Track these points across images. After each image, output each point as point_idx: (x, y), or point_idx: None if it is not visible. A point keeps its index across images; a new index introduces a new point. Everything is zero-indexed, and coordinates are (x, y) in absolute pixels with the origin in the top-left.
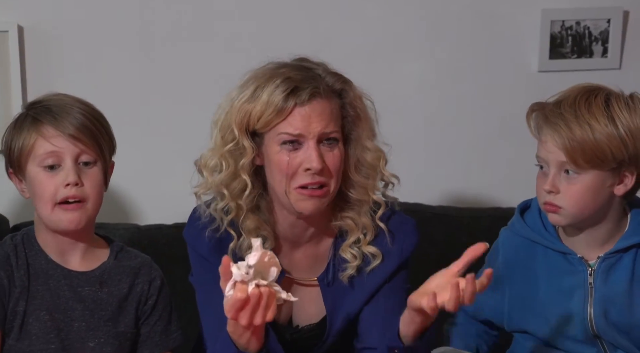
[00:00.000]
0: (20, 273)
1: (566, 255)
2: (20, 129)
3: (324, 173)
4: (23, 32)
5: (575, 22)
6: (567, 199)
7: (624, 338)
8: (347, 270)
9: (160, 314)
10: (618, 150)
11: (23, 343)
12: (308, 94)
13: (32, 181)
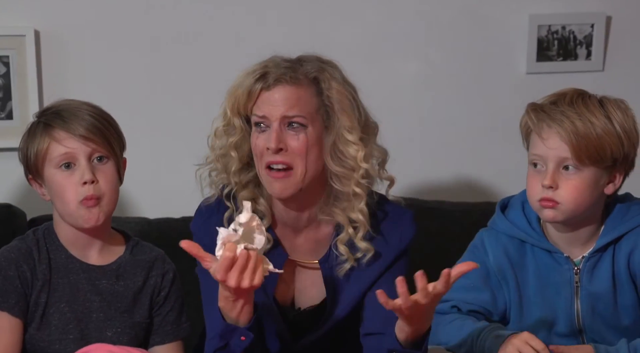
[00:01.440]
0: (42, 266)
1: (552, 254)
2: (33, 136)
3: (287, 155)
4: (39, 37)
5: (561, 26)
6: (567, 195)
7: (610, 332)
8: (343, 264)
9: (172, 305)
10: (616, 147)
11: (43, 332)
12: (273, 79)
13: (50, 183)
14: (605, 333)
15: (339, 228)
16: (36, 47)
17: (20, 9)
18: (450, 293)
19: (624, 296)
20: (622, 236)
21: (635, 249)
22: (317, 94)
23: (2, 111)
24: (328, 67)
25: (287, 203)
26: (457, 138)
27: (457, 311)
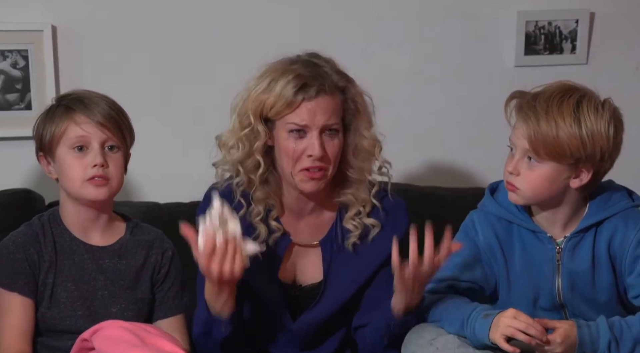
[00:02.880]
0: (48, 249)
1: (536, 233)
2: (52, 116)
3: (324, 159)
4: (56, 32)
5: (548, 22)
6: (525, 183)
7: (587, 308)
8: (350, 238)
9: (172, 281)
10: (576, 149)
11: (53, 310)
12: (315, 90)
13: (61, 161)
14: (584, 308)
15: (341, 211)
16: (53, 42)
17: (38, 6)
18: (444, 271)
19: (602, 276)
20: (603, 221)
21: (615, 234)
22: (343, 101)
23: (22, 101)
24: (345, 73)
25: (307, 194)
26: (450, 127)
27: (454, 292)
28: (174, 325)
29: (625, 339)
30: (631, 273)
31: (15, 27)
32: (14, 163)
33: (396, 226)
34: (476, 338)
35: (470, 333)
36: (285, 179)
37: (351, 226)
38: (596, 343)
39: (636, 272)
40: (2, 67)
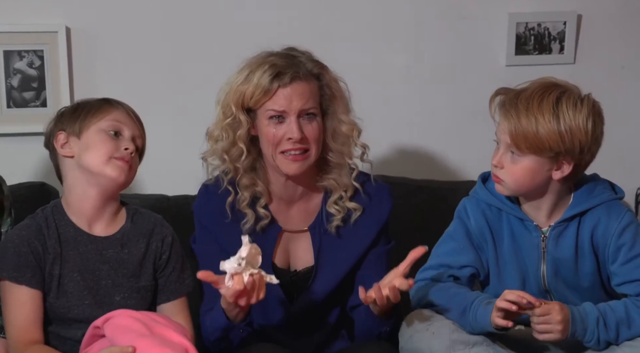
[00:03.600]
0: (52, 241)
1: (524, 221)
2: (88, 107)
3: (303, 141)
4: (70, 33)
5: (537, 24)
6: (509, 176)
7: (571, 293)
8: (333, 221)
9: (173, 266)
10: (555, 143)
11: (61, 300)
12: (289, 77)
13: (91, 138)
14: (568, 294)
15: (326, 196)
16: (67, 43)
17: (53, 8)
18: (442, 257)
19: (585, 263)
20: (587, 211)
21: (598, 224)
22: (319, 87)
23: (37, 99)
24: (320, 61)
25: (293, 178)
26: (444, 123)
27: (454, 280)
28: (177, 307)
29: (610, 321)
30: (615, 262)
31: (32, 28)
32: (29, 158)
33: (379, 209)
34: (478, 324)
35: (472, 320)
36: (270, 165)
37: (334, 210)
38: (585, 321)
39: (619, 261)
40: (19, 67)
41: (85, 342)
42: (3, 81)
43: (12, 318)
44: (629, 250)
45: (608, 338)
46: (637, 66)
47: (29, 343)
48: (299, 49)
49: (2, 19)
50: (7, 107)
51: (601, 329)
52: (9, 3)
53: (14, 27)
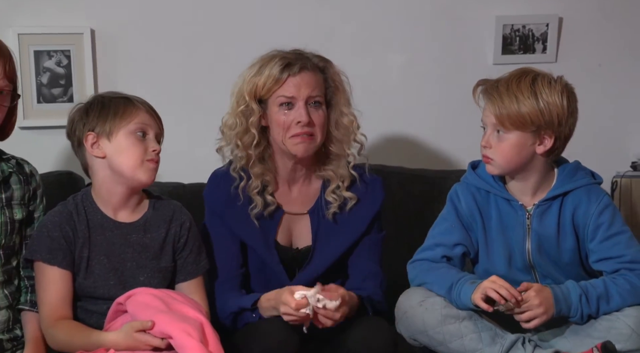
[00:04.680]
0: (82, 226)
1: (510, 202)
2: (117, 104)
3: (310, 124)
4: (95, 35)
5: (522, 25)
6: (498, 153)
7: (553, 268)
8: (330, 208)
9: (190, 249)
10: (536, 117)
11: (89, 280)
12: (298, 67)
13: (121, 142)
14: (550, 269)
15: (325, 184)
16: (92, 43)
17: (79, 12)
18: (436, 237)
19: (566, 240)
20: (568, 193)
21: (580, 205)
22: (324, 80)
23: (65, 95)
24: (326, 58)
25: (299, 161)
26: (437, 116)
27: (447, 261)
28: (193, 286)
29: (591, 296)
30: (593, 240)
31: (59, 30)
32: (58, 148)
33: (372, 199)
34: (461, 301)
35: (456, 296)
36: (279, 151)
37: (331, 199)
38: (569, 299)
39: (597, 239)
40: (48, 66)
41: (110, 317)
42: (34, 79)
43: (45, 296)
44: (606, 229)
45: (590, 312)
46: (612, 64)
47: (59, 318)
48: (305, 50)
49: (33, 22)
50: (37, 102)
51: (584, 304)
52: (39, 8)
53: (43, 29)
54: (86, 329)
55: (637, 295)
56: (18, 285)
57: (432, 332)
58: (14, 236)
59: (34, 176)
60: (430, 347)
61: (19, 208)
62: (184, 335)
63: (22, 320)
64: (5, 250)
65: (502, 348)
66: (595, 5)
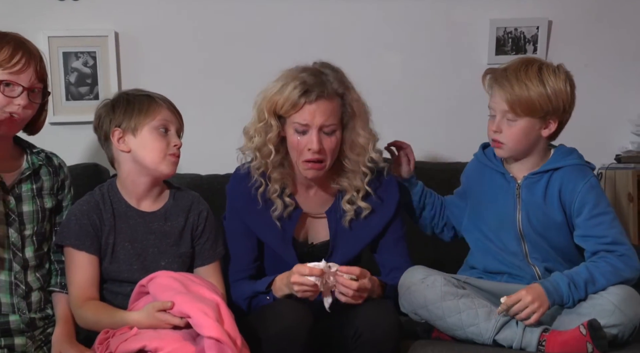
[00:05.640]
0: (108, 215)
1: (504, 174)
2: (141, 102)
3: (321, 152)
4: (118, 37)
5: (514, 28)
6: (508, 138)
7: (540, 237)
8: (346, 216)
9: (207, 236)
10: (545, 103)
11: (114, 265)
12: (316, 95)
13: (146, 138)
14: (539, 239)
15: (341, 192)
16: (116, 45)
17: (104, 16)
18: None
19: (553, 213)
20: (559, 169)
21: (568, 182)
22: (342, 105)
23: (91, 93)
24: (347, 82)
25: (310, 180)
26: (435, 113)
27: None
28: (210, 270)
29: (578, 282)
30: (579, 216)
31: (86, 33)
32: (84, 142)
33: (387, 207)
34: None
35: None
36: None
37: (347, 207)
38: (559, 289)
39: (583, 216)
40: (76, 66)
41: (133, 298)
42: (62, 78)
43: (73, 279)
44: (592, 209)
45: (580, 297)
46: (598, 64)
47: (87, 299)
48: (332, 66)
49: (62, 26)
50: (65, 100)
51: (573, 291)
52: (67, 13)
53: (71, 32)
54: (112, 309)
55: (618, 275)
56: (49, 269)
57: (432, 307)
58: (44, 223)
59: (62, 168)
60: (430, 321)
61: (48, 198)
62: (201, 315)
63: (53, 301)
64: (37, 236)
65: (496, 323)
66: (582, 10)
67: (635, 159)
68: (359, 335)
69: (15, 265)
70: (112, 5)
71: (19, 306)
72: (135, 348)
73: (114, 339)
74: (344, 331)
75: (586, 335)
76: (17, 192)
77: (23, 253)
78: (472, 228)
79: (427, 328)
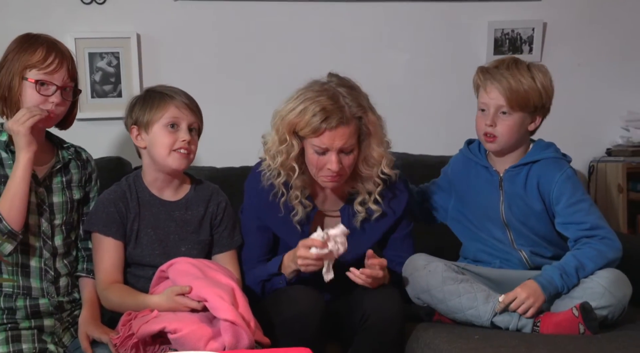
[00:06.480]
0: (133, 203)
1: (488, 168)
2: (151, 101)
3: (340, 170)
4: (140, 39)
5: (511, 29)
6: (502, 131)
7: (522, 225)
8: (358, 217)
9: (225, 225)
10: (537, 99)
11: (137, 250)
12: (336, 122)
13: (156, 134)
14: (521, 228)
15: (355, 193)
16: (138, 46)
17: (127, 19)
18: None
19: (533, 203)
20: (536, 161)
21: (545, 175)
22: (358, 127)
23: (114, 91)
24: (363, 102)
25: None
26: (436, 108)
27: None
28: (227, 258)
29: (569, 270)
30: (558, 204)
31: (110, 35)
32: (108, 137)
33: (396, 208)
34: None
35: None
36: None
37: (359, 209)
38: (552, 282)
39: (562, 205)
40: (100, 65)
41: (154, 282)
42: (88, 77)
43: (100, 263)
44: (570, 197)
45: (573, 283)
46: (590, 63)
47: (112, 282)
48: (347, 84)
49: (88, 28)
50: (91, 97)
51: (566, 279)
52: (93, 16)
53: (96, 34)
54: (134, 292)
55: (604, 257)
56: (76, 256)
57: (434, 291)
58: (73, 213)
59: (90, 161)
60: (432, 304)
61: (77, 190)
62: (217, 299)
63: (80, 285)
64: (66, 226)
65: (494, 306)
66: (575, 13)
67: (625, 153)
68: (367, 318)
69: (45, 252)
70: (135, 8)
71: (48, 290)
72: (155, 329)
73: (136, 321)
74: (353, 315)
75: (578, 317)
76: (48, 184)
77: (53, 241)
78: (460, 218)
79: (429, 312)
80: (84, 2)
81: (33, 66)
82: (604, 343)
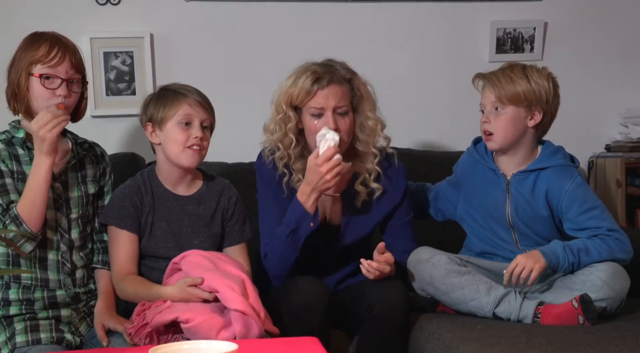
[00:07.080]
0: (148, 198)
1: (495, 171)
2: (164, 99)
3: (338, 131)
4: (153, 38)
5: (513, 29)
6: (497, 127)
7: (527, 228)
8: (360, 197)
9: (236, 219)
10: (528, 93)
11: (151, 242)
12: (326, 81)
13: (169, 132)
14: (527, 230)
15: (355, 174)
16: (151, 46)
17: (140, 19)
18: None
19: (539, 209)
20: (546, 168)
21: (554, 184)
22: (350, 90)
23: (129, 89)
24: (352, 70)
25: None
26: (439, 106)
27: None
28: (238, 250)
29: (573, 248)
30: (569, 212)
31: (124, 34)
32: (123, 133)
33: (396, 190)
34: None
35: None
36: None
37: (360, 189)
38: (555, 251)
39: (573, 212)
40: (115, 64)
41: (167, 274)
42: (103, 75)
43: (115, 255)
44: (581, 205)
45: (574, 261)
46: (589, 62)
47: (127, 274)
48: (336, 60)
49: (103, 28)
50: (105, 95)
51: (568, 253)
52: (107, 16)
53: (111, 34)
54: (148, 283)
55: (611, 254)
56: (91, 248)
57: (437, 283)
58: (88, 207)
59: (104, 156)
60: (435, 296)
61: (92, 184)
62: (228, 290)
63: (95, 276)
64: (82, 219)
65: (495, 298)
66: (575, 12)
67: (623, 149)
68: (372, 308)
69: (62, 245)
70: (148, 9)
71: (64, 282)
72: (169, 319)
73: (150, 311)
74: (358, 305)
75: (578, 308)
76: (64, 179)
77: (69, 235)
78: (466, 217)
79: (432, 303)
80: (99, 3)
81: (37, 60)
82: (602, 334)
